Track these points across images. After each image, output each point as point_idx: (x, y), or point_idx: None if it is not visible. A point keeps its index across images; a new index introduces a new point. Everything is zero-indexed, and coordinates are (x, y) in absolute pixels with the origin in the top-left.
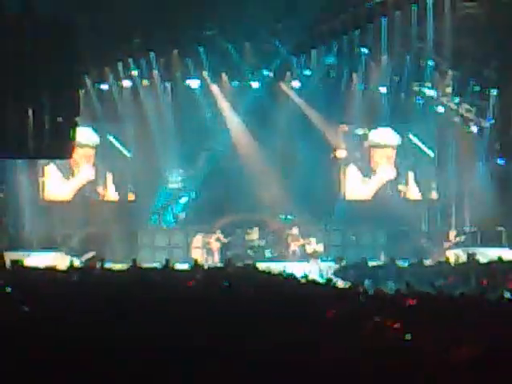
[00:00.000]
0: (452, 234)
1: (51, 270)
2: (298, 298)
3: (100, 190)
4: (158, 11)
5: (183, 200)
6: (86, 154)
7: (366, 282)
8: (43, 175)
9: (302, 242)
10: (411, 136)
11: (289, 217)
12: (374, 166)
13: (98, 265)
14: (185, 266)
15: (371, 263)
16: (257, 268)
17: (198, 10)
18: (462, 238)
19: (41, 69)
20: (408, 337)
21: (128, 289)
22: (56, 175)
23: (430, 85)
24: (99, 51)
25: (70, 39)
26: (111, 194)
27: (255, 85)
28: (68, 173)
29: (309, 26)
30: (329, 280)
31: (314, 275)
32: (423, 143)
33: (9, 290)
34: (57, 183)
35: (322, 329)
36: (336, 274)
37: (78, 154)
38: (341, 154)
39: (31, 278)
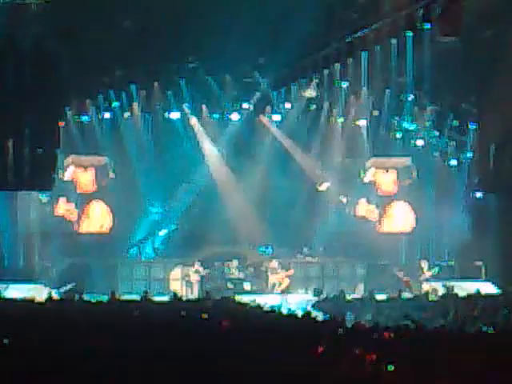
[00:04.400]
0: (424, 265)
1: (29, 302)
2: (276, 331)
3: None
4: (139, 44)
5: (163, 232)
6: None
7: (348, 315)
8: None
9: (281, 274)
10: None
11: (267, 249)
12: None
13: (77, 297)
14: (164, 298)
15: (350, 296)
16: (235, 301)
17: (179, 42)
18: (436, 270)
19: (22, 100)
20: (391, 368)
21: (104, 321)
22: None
23: (409, 119)
24: (80, 83)
25: (52, 69)
26: (91, 225)
27: (235, 117)
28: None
29: (289, 59)
30: (307, 313)
31: (293, 308)
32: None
33: None
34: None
35: (302, 361)
36: (315, 306)
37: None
38: (324, 186)
39: (8, 309)
